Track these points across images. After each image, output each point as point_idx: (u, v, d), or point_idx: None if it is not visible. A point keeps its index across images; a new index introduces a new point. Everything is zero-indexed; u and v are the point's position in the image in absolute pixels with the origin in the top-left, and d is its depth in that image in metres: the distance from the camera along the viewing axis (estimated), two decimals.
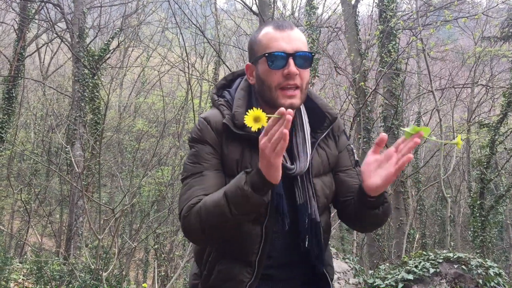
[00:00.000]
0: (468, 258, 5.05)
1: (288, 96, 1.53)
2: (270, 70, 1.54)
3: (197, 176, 1.55)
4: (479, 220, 12.63)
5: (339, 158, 1.75)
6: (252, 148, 1.56)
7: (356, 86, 9.46)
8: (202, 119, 1.61)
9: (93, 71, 12.45)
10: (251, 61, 1.63)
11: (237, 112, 1.58)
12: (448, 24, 7.98)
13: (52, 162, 14.00)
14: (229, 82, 1.77)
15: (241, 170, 1.54)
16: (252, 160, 1.56)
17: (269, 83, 1.55)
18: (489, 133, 12.37)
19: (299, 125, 1.66)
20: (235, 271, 1.57)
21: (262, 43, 1.57)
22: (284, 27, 1.56)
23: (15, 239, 14.75)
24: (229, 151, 1.58)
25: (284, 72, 1.52)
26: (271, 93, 1.56)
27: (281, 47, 1.53)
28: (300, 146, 1.62)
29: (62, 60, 20.76)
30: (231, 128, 1.56)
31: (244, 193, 1.37)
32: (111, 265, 6.92)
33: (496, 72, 15.66)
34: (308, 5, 12.52)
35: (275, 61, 1.52)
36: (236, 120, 1.57)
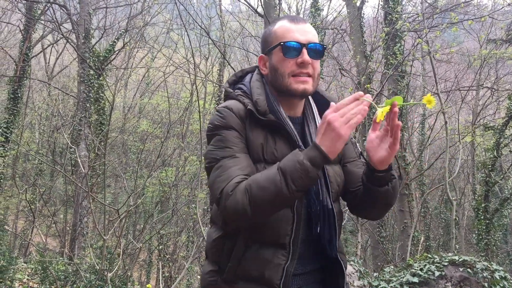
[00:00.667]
0: (474, 261, 5.03)
1: (301, 81, 1.62)
2: (285, 59, 1.62)
3: (230, 158, 1.55)
4: (483, 223, 12.59)
5: (345, 150, 1.80)
6: (275, 134, 1.63)
7: (361, 88, 9.45)
8: (224, 108, 1.64)
9: (98, 72, 12.49)
10: (265, 52, 1.72)
11: (259, 99, 1.63)
12: (454, 27, 7.97)
13: (57, 163, 14.05)
14: (239, 79, 1.82)
15: (266, 154, 1.60)
16: (276, 144, 1.61)
17: (283, 70, 1.63)
18: (494, 135, 12.33)
19: (310, 114, 1.74)
20: (268, 255, 1.55)
21: (278, 34, 1.66)
22: (298, 20, 1.66)
23: (19, 239, 14.80)
24: (253, 136, 1.61)
25: (298, 61, 1.60)
26: (283, 80, 1.63)
27: (296, 37, 1.61)
28: (314, 134, 1.68)
29: (67, 60, 20.85)
30: (255, 114, 1.61)
31: (303, 167, 1.40)
32: (115, 266, 6.94)
33: (501, 75, 15.60)
34: (313, 6, 12.55)
35: (290, 50, 1.61)
36: (259, 106, 1.62)
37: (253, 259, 1.56)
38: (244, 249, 1.58)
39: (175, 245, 15.29)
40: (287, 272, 1.54)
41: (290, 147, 1.61)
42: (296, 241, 1.57)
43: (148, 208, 16.30)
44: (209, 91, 19.84)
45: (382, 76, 10.56)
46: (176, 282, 7.48)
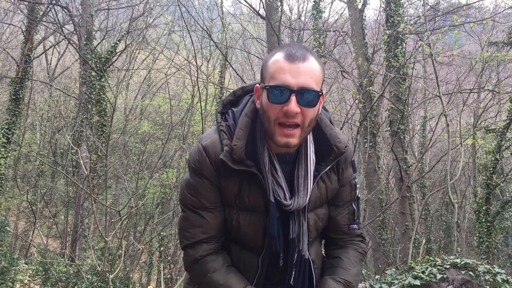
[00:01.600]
0: (476, 264, 5.03)
1: (285, 135, 1.44)
2: (270, 104, 1.43)
3: (197, 215, 1.57)
4: (484, 226, 12.57)
5: (339, 191, 1.69)
6: (251, 182, 1.53)
7: (363, 91, 9.46)
8: (202, 149, 1.55)
9: (100, 73, 12.50)
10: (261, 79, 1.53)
11: (236, 146, 1.48)
12: (456, 29, 7.97)
13: (58, 164, 14.06)
14: (237, 98, 1.67)
15: (239, 202, 1.55)
16: (250, 193, 1.54)
17: (269, 115, 1.45)
18: (496, 138, 12.32)
19: (303, 156, 1.57)
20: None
21: (269, 71, 1.45)
22: (295, 59, 1.41)
23: (20, 240, 14.80)
24: (227, 185, 1.54)
25: (283, 109, 1.41)
26: (269, 127, 1.47)
27: (286, 80, 1.40)
28: (301, 179, 1.56)
29: (69, 62, 20.89)
30: (229, 164, 1.49)
31: None
32: (116, 267, 6.94)
33: (502, 77, 15.62)
34: (315, 9, 12.56)
35: (275, 95, 1.41)
36: (234, 154, 1.48)
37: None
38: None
39: (176, 247, 15.28)
40: None
41: (263, 197, 1.53)
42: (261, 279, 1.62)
43: (149, 209, 16.31)
44: (211, 93, 19.86)
45: (383, 78, 10.58)
46: (178, 284, 7.48)
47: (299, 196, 1.54)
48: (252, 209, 1.55)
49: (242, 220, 1.57)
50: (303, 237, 1.58)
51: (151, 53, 20.63)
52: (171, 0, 16.18)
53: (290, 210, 1.54)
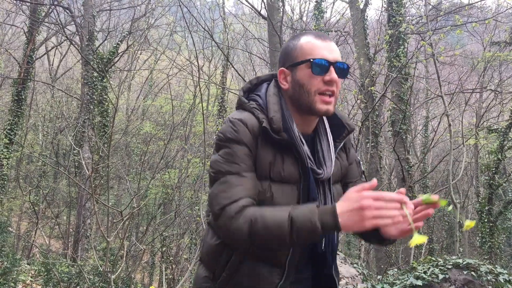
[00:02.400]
0: (478, 265, 5.01)
1: (326, 102, 1.59)
2: (312, 76, 1.59)
3: (236, 176, 1.53)
4: (487, 226, 12.55)
5: (349, 169, 1.81)
6: (284, 152, 1.60)
7: (365, 91, 9.45)
8: (238, 120, 1.60)
9: (102, 74, 12.52)
10: (287, 66, 1.66)
11: (275, 116, 1.59)
12: (458, 29, 7.96)
13: (60, 164, 14.09)
14: (254, 86, 1.78)
15: (273, 173, 1.57)
16: (284, 163, 1.59)
17: (309, 88, 1.59)
18: (498, 138, 12.30)
19: (322, 131, 1.72)
20: (263, 272, 1.57)
21: (304, 49, 1.62)
22: (325, 38, 1.64)
23: (23, 240, 14.83)
24: (263, 154, 1.58)
25: (325, 78, 1.58)
26: (309, 98, 1.60)
27: (324, 55, 1.59)
28: (325, 152, 1.68)
29: (71, 62, 20.93)
30: (269, 132, 1.58)
31: (313, 228, 1.36)
32: (119, 268, 6.94)
33: (505, 77, 15.59)
34: (317, 9, 12.55)
35: (319, 67, 1.58)
36: (274, 124, 1.58)
37: (247, 274, 1.58)
38: (239, 263, 1.59)
39: (178, 247, 15.30)
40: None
41: (299, 167, 1.60)
42: (293, 261, 1.58)
43: (151, 210, 16.32)
44: (212, 93, 19.88)
45: (385, 78, 10.56)
46: (179, 284, 7.48)
47: (327, 167, 1.65)
48: (286, 179, 1.59)
49: (275, 191, 1.58)
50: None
51: (153, 53, 20.65)
52: (173, 1, 16.19)
53: (322, 178, 1.63)
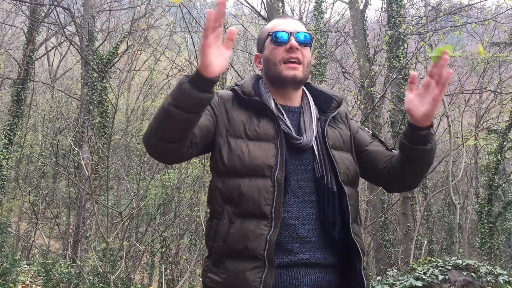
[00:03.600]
0: (477, 265, 5.02)
1: (290, 68, 1.70)
2: (274, 47, 1.73)
3: None
4: (487, 227, 12.55)
5: (358, 138, 1.86)
6: (261, 114, 1.69)
7: (365, 91, 9.45)
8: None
9: (102, 74, 12.51)
10: (259, 50, 1.84)
11: (244, 83, 1.76)
12: (458, 30, 7.96)
13: (60, 165, 14.08)
14: None
15: (249, 131, 1.65)
16: (260, 123, 1.67)
17: (274, 59, 1.72)
18: (498, 139, 12.30)
19: (306, 106, 1.79)
20: (251, 227, 1.55)
21: (267, 28, 1.80)
22: (287, 17, 1.83)
23: (22, 241, 14.82)
24: (235, 115, 1.69)
25: (286, 47, 1.70)
26: (275, 68, 1.72)
27: (283, 28, 1.74)
28: (307, 123, 1.73)
29: (71, 63, 20.91)
30: (239, 94, 1.71)
31: (182, 88, 1.44)
32: (118, 268, 6.94)
33: (504, 78, 15.57)
34: (316, 10, 12.53)
35: (278, 38, 1.72)
36: (243, 88, 1.72)
37: (236, 234, 1.55)
38: (228, 226, 1.58)
39: (178, 248, 15.28)
40: (270, 241, 1.51)
41: (274, 125, 1.66)
42: (278, 210, 1.55)
43: (150, 210, 16.31)
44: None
45: (385, 79, 10.56)
46: (179, 285, 7.48)
47: (307, 135, 1.69)
48: (262, 137, 1.64)
49: (252, 146, 1.62)
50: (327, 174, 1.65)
51: (153, 54, 20.63)
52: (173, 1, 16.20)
53: (300, 144, 1.66)
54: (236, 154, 1.61)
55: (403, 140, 1.65)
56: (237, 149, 1.62)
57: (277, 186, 1.57)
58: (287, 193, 1.60)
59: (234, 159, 1.61)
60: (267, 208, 1.55)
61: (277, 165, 1.59)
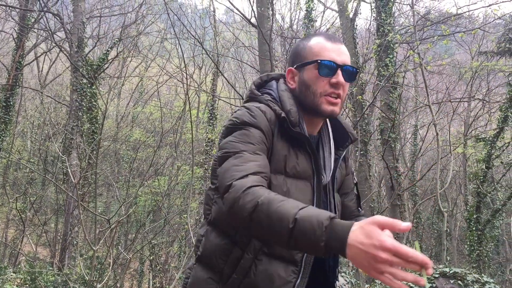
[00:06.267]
0: (464, 273, 5.04)
1: (331, 103, 1.59)
2: (319, 77, 1.59)
3: (253, 153, 1.45)
4: (475, 234, 12.61)
5: (345, 180, 1.83)
6: (297, 148, 1.59)
7: (354, 99, 9.49)
8: (255, 107, 1.57)
9: (91, 80, 12.45)
10: (295, 66, 1.68)
11: (292, 109, 1.59)
12: (446, 39, 8.04)
13: (48, 171, 13.96)
14: (264, 83, 1.78)
15: (288, 167, 1.54)
16: (298, 159, 1.57)
17: (315, 89, 1.60)
18: (486, 147, 12.40)
19: (326, 137, 1.72)
20: (278, 271, 1.48)
21: (313, 50, 1.63)
22: (335, 40, 1.65)
23: (9, 248, 14.64)
24: (279, 146, 1.56)
25: (331, 81, 1.58)
26: (314, 99, 1.60)
27: (332, 57, 1.59)
28: (327, 160, 1.67)
29: (61, 69, 20.80)
30: (287, 124, 1.56)
31: (314, 244, 1.16)
32: (105, 277, 6.87)
33: (492, 87, 15.74)
34: (307, 18, 12.61)
35: (326, 69, 1.58)
36: (292, 117, 1.57)
37: (261, 273, 1.48)
38: (252, 262, 1.49)
39: (167, 255, 15.20)
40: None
41: (311, 163, 1.60)
42: (309, 258, 1.52)
43: (140, 217, 16.21)
44: (203, 101, 19.85)
45: (374, 87, 10.62)
46: None
47: (327, 175, 1.64)
48: (301, 175, 1.57)
49: (291, 186, 1.53)
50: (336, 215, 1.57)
51: (143, 60, 20.61)
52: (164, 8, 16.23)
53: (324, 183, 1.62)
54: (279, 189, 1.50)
55: None
56: (278, 188, 1.49)
57: None
58: None
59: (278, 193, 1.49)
60: (299, 255, 1.52)
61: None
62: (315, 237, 1.15)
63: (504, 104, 11.90)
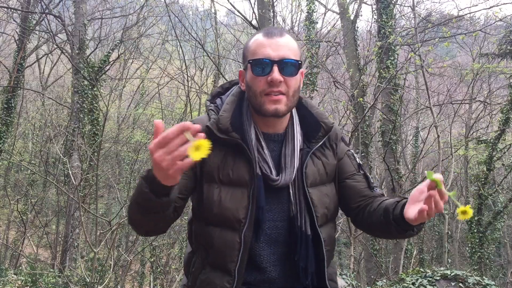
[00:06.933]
0: (466, 276, 5.03)
1: (272, 101, 1.51)
2: (255, 77, 1.52)
3: None
4: (476, 236, 12.60)
5: (341, 165, 1.72)
6: (235, 154, 1.56)
7: (355, 101, 9.50)
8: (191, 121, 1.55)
9: (93, 82, 12.47)
10: (243, 67, 1.63)
11: (222, 116, 1.56)
12: (447, 41, 8.03)
13: (49, 173, 13.96)
14: (225, 90, 1.74)
15: (222, 175, 1.54)
16: (234, 164, 1.55)
17: (255, 89, 1.52)
18: (487, 149, 12.39)
19: (290, 135, 1.63)
20: (216, 280, 1.54)
21: (251, 49, 1.56)
22: (273, 34, 1.53)
23: (10, 250, 14.65)
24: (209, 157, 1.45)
25: (268, 79, 1.49)
26: (256, 100, 1.53)
27: (267, 53, 1.50)
28: (288, 157, 1.59)
29: (62, 71, 20.81)
30: (215, 132, 1.53)
31: (140, 185, 1.33)
32: (106, 279, 6.87)
33: (494, 89, 15.73)
34: (308, 19, 12.61)
35: (260, 67, 1.51)
36: (220, 123, 1.54)
37: (205, 280, 1.57)
38: (200, 269, 1.60)
39: (168, 257, 15.18)
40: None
41: (249, 169, 1.54)
42: (241, 268, 1.53)
43: None
44: (204, 102, 19.82)
45: (375, 89, 10.62)
46: None
47: (286, 173, 1.56)
48: (235, 183, 1.54)
49: (224, 194, 1.53)
50: (301, 213, 1.57)
51: (145, 62, 20.62)
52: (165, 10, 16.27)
53: (278, 185, 1.55)
54: (207, 202, 1.55)
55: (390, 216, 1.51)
56: (209, 197, 1.54)
57: (244, 244, 1.53)
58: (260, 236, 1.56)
59: (206, 207, 1.55)
60: (232, 265, 1.53)
61: (247, 220, 1.53)
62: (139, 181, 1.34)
63: (505, 106, 11.89)
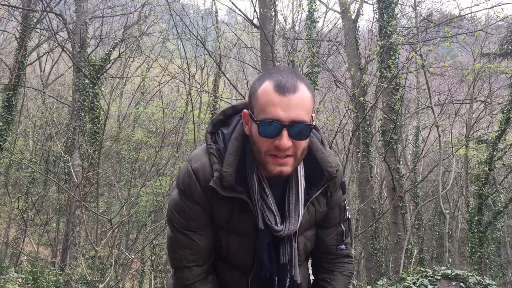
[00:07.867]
0: (466, 275, 5.03)
1: (278, 164, 1.40)
2: (261, 137, 1.39)
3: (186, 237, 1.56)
4: (477, 236, 12.60)
5: (328, 214, 1.68)
6: (241, 207, 1.52)
7: (356, 101, 9.50)
8: (191, 172, 1.51)
9: (94, 80, 12.46)
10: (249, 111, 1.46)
11: (226, 173, 1.45)
12: (448, 41, 8.03)
13: (50, 171, 13.98)
14: (227, 118, 1.61)
15: (229, 227, 1.56)
16: (240, 217, 1.53)
17: (259, 147, 1.41)
18: (488, 149, 12.39)
19: (293, 181, 1.54)
20: None
21: (259, 102, 1.39)
22: (285, 90, 1.35)
23: (11, 248, 14.66)
24: (217, 210, 1.53)
25: (275, 143, 1.37)
26: (260, 157, 1.42)
27: (277, 114, 1.34)
28: (292, 205, 1.54)
29: (63, 69, 20.85)
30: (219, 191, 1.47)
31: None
32: (107, 277, 6.88)
33: (494, 88, 15.73)
34: (309, 19, 12.61)
35: (266, 130, 1.36)
36: (224, 181, 1.45)
37: None
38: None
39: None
40: None
41: (253, 223, 1.53)
42: None
43: (141, 217, 16.22)
44: (205, 101, 19.87)
45: (376, 88, 10.62)
46: None
47: (290, 223, 1.52)
48: (242, 233, 1.56)
49: (232, 243, 1.58)
50: (294, 261, 1.58)
51: (145, 61, 20.63)
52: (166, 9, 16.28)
53: (281, 235, 1.52)
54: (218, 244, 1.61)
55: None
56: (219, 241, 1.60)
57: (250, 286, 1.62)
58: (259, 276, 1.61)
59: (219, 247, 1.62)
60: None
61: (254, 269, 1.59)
62: None
63: (506, 106, 11.89)
